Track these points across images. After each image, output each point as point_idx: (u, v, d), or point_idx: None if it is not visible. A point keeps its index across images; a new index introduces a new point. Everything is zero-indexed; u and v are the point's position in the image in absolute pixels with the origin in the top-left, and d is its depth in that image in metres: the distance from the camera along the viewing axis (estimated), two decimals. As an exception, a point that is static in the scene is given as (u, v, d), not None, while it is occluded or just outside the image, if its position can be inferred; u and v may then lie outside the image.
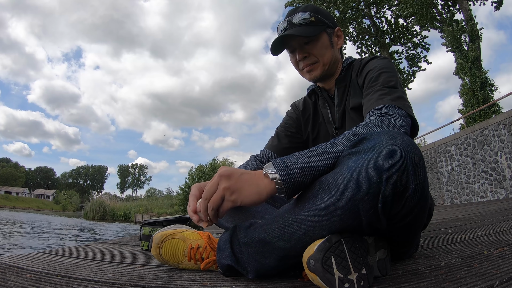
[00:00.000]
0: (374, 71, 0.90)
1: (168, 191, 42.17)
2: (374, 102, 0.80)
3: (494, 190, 6.30)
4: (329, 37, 0.99)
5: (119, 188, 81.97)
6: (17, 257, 0.95)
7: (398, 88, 0.84)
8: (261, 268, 0.65)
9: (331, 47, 0.99)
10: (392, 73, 0.88)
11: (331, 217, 0.56)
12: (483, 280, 0.57)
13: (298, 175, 0.58)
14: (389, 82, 0.85)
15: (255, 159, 1.11)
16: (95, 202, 23.56)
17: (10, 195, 56.96)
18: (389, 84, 0.84)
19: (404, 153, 0.53)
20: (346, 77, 1.01)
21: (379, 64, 0.91)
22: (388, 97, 0.79)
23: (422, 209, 0.61)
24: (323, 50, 0.97)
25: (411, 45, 13.27)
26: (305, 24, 0.94)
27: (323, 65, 0.99)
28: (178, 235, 0.79)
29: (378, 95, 0.81)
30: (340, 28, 1.02)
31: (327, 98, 1.07)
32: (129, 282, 0.67)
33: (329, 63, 0.99)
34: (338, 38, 1.02)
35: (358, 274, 0.55)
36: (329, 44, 0.99)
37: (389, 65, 0.91)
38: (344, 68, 1.02)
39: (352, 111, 0.97)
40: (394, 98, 0.79)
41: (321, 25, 0.96)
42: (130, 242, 1.59)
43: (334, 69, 1.03)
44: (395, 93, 0.81)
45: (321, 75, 1.00)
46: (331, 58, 0.99)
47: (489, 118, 7.05)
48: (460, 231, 1.43)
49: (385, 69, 0.89)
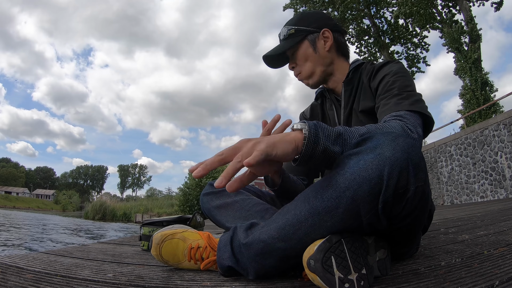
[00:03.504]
0: (390, 75, 0.90)
1: (168, 191, 42.16)
2: (392, 107, 0.81)
3: (494, 190, 6.30)
4: (312, 43, 1.00)
5: (119, 188, 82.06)
6: (17, 257, 0.95)
7: (415, 91, 0.85)
8: (261, 269, 0.65)
9: (315, 53, 1.00)
10: (408, 77, 0.89)
11: (331, 218, 0.56)
12: (483, 280, 0.57)
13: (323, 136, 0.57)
14: (406, 87, 0.85)
15: None
16: (96, 203, 23.56)
17: (10, 195, 56.95)
18: (406, 89, 0.85)
19: (406, 155, 0.53)
20: (354, 79, 1.00)
21: (394, 68, 0.92)
22: (406, 102, 0.80)
23: (422, 211, 0.61)
24: (302, 61, 1.01)
25: (411, 46, 13.29)
26: (286, 38, 1.00)
27: (307, 75, 1.02)
28: (178, 235, 0.79)
29: (396, 99, 0.82)
30: (328, 29, 1.00)
31: (334, 100, 1.07)
32: (129, 282, 0.67)
33: (311, 71, 1.01)
34: (325, 40, 1.00)
35: (358, 274, 0.55)
36: (312, 51, 1.00)
37: (404, 69, 0.92)
38: (352, 71, 1.01)
39: (361, 114, 0.96)
40: (412, 102, 0.80)
41: (299, 35, 0.99)
42: (130, 242, 1.59)
43: (330, 71, 1.03)
44: (412, 97, 0.82)
45: (318, 81, 1.03)
46: (314, 65, 1.01)
47: (489, 118, 7.05)
48: (460, 231, 1.43)
49: (401, 74, 0.89)
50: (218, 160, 0.55)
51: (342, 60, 1.05)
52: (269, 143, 0.55)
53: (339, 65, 1.04)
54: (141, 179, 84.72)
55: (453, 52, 10.28)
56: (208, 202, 0.98)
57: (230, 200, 0.94)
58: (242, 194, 0.96)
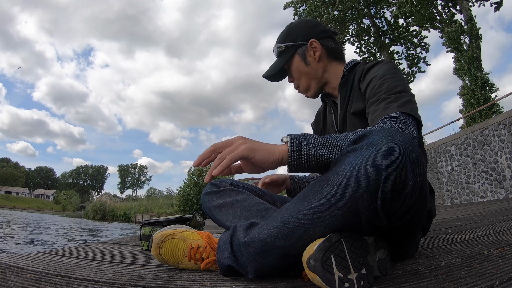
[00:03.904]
0: (377, 78, 0.88)
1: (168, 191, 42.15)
2: (381, 112, 0.79)
3: (494, 190, 6.30)
4: (302, 57, 1.01)
5: (119, 188, 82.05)
6: (17, 257, 0.95)
7: (404, 91, 0.82)
8: (260, 268, 0.65)
9: (306, 66, 1.01)
10: (396, 78, 0.86)
11: (330, 215, 0.56)
12: (483, 280, 0.57)
13: (305, 157, 0.64)
14: (394, 88, 0.83)
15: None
16: (96, 203, 23.58)
17: (10, 195, 56.97)
18: (394, 90, 0.82)
19: (403, 150, 0.54)
20: (348, 81, 1.00)
21: (382, 70, 0.89)
22: (394, 105, 0.79)
23: (421, 207, 0.61)
24: (297, 74, 1.04)
25: (411, 46, 13.29)
26: (278, 55, 1.04)
27: (308, 86, 1.05)
28: (178, 235, 0.79)
29: (384, 104, 0.80)
30: (315, 39, 1.00)
31: (331, 103, 1.08)
32: (129, 282, 0.67)
33: (307, 85, 1.04)
34: (314, 51, 1.01)
35: (358, 274, 0.55)
36: (303, 65, 1.02)
37: (393, 70, 0.89)
38: (345, 73, 1.01)
39: (353, 116, 0.96)
40: (401, 104, 0.78)
41: (289, 51, 1.01)
42: (130, 242, 1.58)
43: (325, 80, 1.05)
44: (401, 98, 0.80)
45: (315, 92, 1.06)
46: (308, 79, 1.03)
47: (489, 118, 7.05)
48: (460, 231, 1.43)
49: (388, 75, 0.87)
50: (210, 151, 0.68)
51: (335, 64, 1.04)
52: (249, 148, 0.65)
53: (333, 70, 1.04)
54: (141, 179, 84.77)
55: (452, 52, 10.28)
56: (209, 201, 0.98)
57: (230, 199, 0.94)
58: (243, 194, 0.96)
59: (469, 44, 9.94)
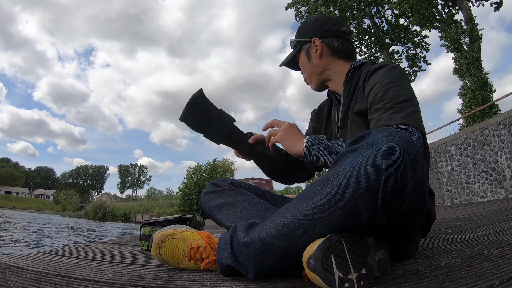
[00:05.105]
0: (383, 84, 0.85)
1: (168, 191, 42.15)
2: (385, 122, 0.77)
3: (494, 190, 6.30)
4: (306, 53, 1.07)
5: (119, 188, 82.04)
6: (17, 257, 0.95)
7: (409, 100, 0.80)
8: (260, 268, 0.65)
9: (309, 62, 1.07)
10: (401, 85, 0.84)
11: (330, 215, 0.56)
12: (483, 280, 0.57)
13: (315, 159, 0.81)
14: (399, 96, 0.80)
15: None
16: (96, 203, 23.61)
17: (10, 195, 56.97)
18: (399, 99, 0.80)
19: (403, 150, 0.54)
20: (353, 79, 0.99)
21: (387, 76, 0.87)
22: (398, 116, 0.76)
23: (421, 207, 0.61)
24: (303, 68, 1.11)
25: (411, 45, 13.28)
26: (292, 48, 1.13)
27: (310, 80, 1.11)
28: (178, 235, 0.79)
29: (389, 114, 0.78)
30: (317, 37, 1.03)
31: (335, 100, 1.09)
32: (129, 282, 0.67)
33: (310, 77, 1.10)
34: (316, 48, 1.04)
35: (358, 274, 0.55)
36: (306, 61, 1.08)
37: (399, 76, 0.87)
38: (351, 71, 1.01)
39: (356, 115, 0.95)
40: (405, 115, 0.76)
41: (297, 46, 1.09)
42: (130, 242, 1.58)
43: (326, 77, 1.07)
44: (406, 108, 0.78)
45: (316, 87, 1.11)
46: (309, 74, 1.09)
47: (489, 118, 7.05)
48: (460, 231, 1.43)
49: (393, 82, 0.84)
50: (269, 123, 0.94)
51: (340, 63, 1.04)
52: (282, 137, 0.87)
53: (337, 68, 1.04)
54: (141, 179, 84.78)
55: (452, 52, 10.27)
56: (209, 201, 0.98)
57: (231, 199, 0.94)
58: (243, 194, 0.96)
59: (469, 44, 9.93)
